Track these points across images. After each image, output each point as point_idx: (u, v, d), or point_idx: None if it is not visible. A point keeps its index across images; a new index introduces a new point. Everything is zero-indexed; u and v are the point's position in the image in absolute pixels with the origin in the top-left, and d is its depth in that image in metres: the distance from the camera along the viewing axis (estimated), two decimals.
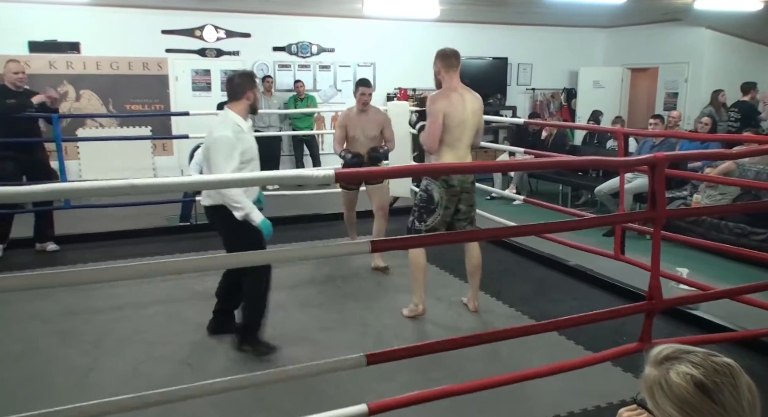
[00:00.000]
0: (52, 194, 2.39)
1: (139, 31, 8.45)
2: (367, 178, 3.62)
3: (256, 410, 2.82)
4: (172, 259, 3.63)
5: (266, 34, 9.19)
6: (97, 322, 3.81)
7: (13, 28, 7.82)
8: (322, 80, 9.69)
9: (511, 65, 10.75)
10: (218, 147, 3.14)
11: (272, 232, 3.27)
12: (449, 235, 3.62)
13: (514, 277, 4.77)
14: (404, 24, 9.72)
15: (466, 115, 3.68)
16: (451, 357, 3.20)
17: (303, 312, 4.01)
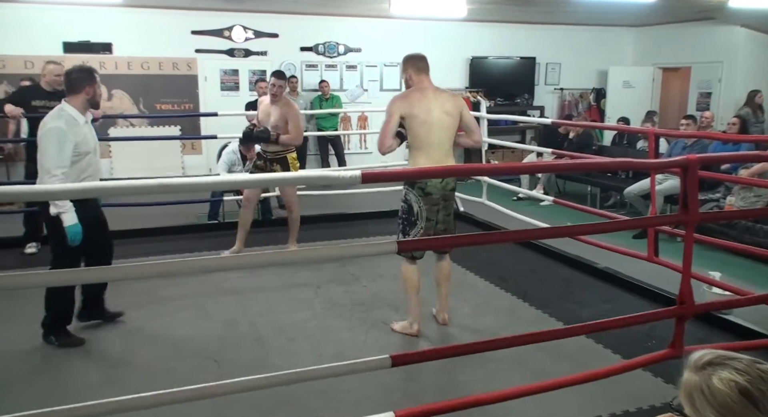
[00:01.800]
0: (84, 193, 2.42)
1: (169, 32, 8.58)
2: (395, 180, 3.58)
3: (282, 408, 2.83)
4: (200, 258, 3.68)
5: (294, 35, 9.24)
6: (127, 317, 3.86)
7: (49, 30, 8.00)
8: (348, 80, 9.71)
9: (539, 65, 10.64)
10: (49, 137, 3.18)
11: (79, 240, 3.23)
12: (477, 236, 3.58)
13: (540, 278, 4.71)
14: (431, 23, 9.68)
15: (431, 116, 3.47)
16: (478, 359, 3.18)
17: (328, 311, 4.02)
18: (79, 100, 3.33)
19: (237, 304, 4.12)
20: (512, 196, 7.54)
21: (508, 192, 6.51)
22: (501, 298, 4.29)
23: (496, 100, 10.17)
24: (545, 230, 3.24)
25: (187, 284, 4.42)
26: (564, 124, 7.67)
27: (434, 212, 3.51)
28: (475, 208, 6.37)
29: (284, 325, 3.78)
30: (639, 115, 8.99)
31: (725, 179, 5.52)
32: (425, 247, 3.28)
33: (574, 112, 10.68)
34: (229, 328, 3.75)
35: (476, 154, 9.49)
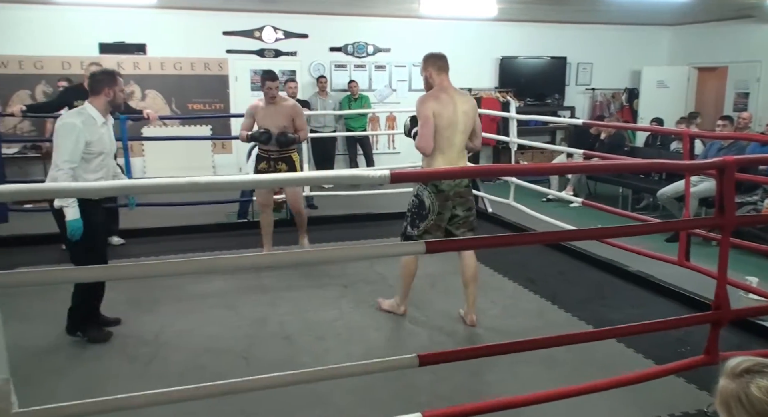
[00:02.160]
0: (120, 190, 2.48)
1: (201, 33, 8.71)
2: (423, 180, 3.58)
3: (311, 406, 2.85)
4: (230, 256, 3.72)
5: (323, 35, 9.30)
6: (158, 313, 3.94)
7: (86, 31, 8.20)
8: (377, 80, 9.73)
9: (570, 65, 10.51)
10: (64, 132, 3.24)
11: (78, 235, 3.26)
12: (505, 238, 3.56)
13: (569, 281, 4.65)
14: (460, 23, 9.65)
15: (457, 117, 3.54)
16: (506, 360, 3.16)
17: (356, 310, 4.04)
18: (100, 101, 3.39)
19: (266, 302, 4.16)
20: (541, 198, 7.46)
21: (537, 193, 6.44)
22: (529, 300, 4.25)
23: (525, 100, 10.09)
24: (575, 232, 3.20)
25: (217, 282, 4.49)
26: (595, 125, 7.56)
27: (446, 208, 3.61)
28: (502, 209, 6.32)
29: (312, 324, 3.81)
30: (673, 115, 8.82)
31: (763, 182, 5.38)
32: (455, 248, 3.27)
33: (606, 112, 10.52)
34: (258, 326, 3.79)
35: (505, 155, 9.43)
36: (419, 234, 3.63)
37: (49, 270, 1.84)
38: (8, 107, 6.62)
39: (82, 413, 1.78)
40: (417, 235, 3.62)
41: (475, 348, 2.49)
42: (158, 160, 8.41)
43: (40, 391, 2.89)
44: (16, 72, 8.07)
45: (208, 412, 2.75)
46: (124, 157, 5.75)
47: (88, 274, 2.19)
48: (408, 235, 3.68)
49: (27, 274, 1.85)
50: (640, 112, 10.35)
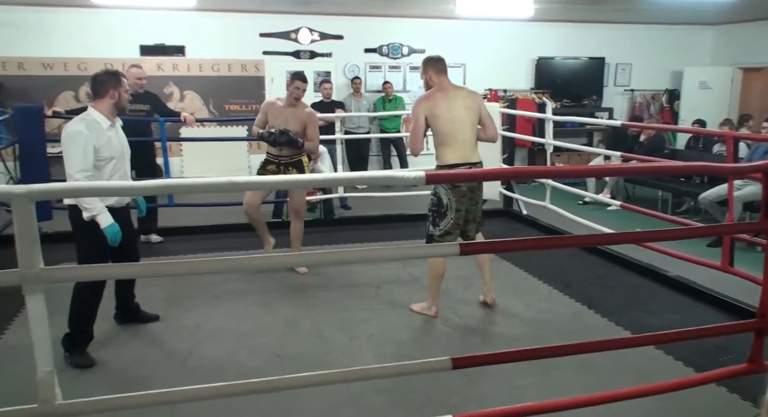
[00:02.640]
0: (160, 189, 2.51)
1: (238, 35, 8.84)
2: (458, 180, 3.57)
3: (342, 405, 2.86)
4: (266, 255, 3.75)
5: (358, 36, 9.34)
6: (195, 310, 4.00)
7: (127, 34, 8.41)
8: (412, 81, 9.72)
9: (609, 65, 10.33)
10: (71, 141, 3.09)
11: (118, 240, 3.13)
12: (540, 240, 3.50)
13: (606, 285, 4.57)
14: (496, 24, 9.57)
15: (457, 113, 3.65)
16: (540, 365, 3.12)
17: (389, 311, 4.04)
18: (105, 104, 3.22)
19: (300, 301, 4.19)
20: (577, 200, 7.35)
21: (573, 196, 6.34)
22: (565, 304, 4.19)
23: (562, 101, 9.95)
24: (613, 236, 3.14)
25: (252, 280, 4.54)
26: (635, 127, 7.41)
27: (462, 203, 3.69)
28: (538, 211, 6.25)
29: (345, 324, 3.82)
30: (716, 117, 8.58)
31: None
32: (490, 250, 3.25)
33: (645, 114, 10.30)
34: (291, 324, 3.82)
35: (540, 157, 9.31)
36: (440, 234, 3.71)
37: (96, 266, 1.89)
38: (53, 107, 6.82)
39: (122, 406, 1.83)
40: (438, 235, 3.71)
41: (509, 352, 2.46)
42: (196, 160, 8.57)
43: (82, 384, 2.96)
44: (61, 73, 8.33)
45: (244, 408, 2.79)
46: (163, 157, 5.87)
47: (130, 270, 2.24)
48: (430, 235, 3.76)
49: (74, 269, 1.90)
50: (681, 114, 10.10)
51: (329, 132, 7.20)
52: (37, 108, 5.58)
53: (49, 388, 1.69)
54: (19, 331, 3.60)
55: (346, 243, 5.43)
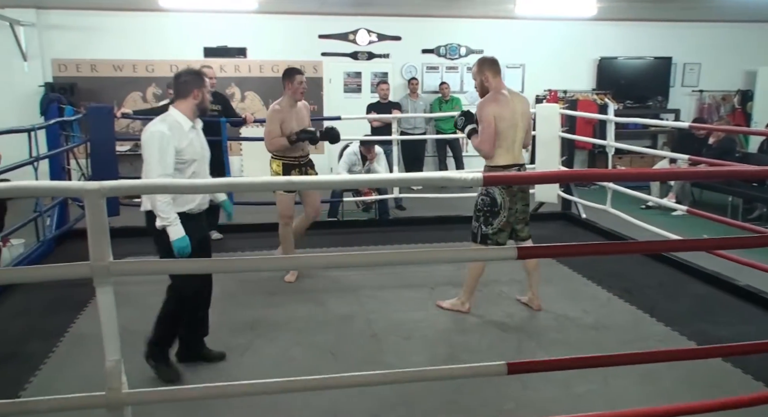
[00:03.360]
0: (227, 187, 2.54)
1: (298, 36, 9.00)
2: (516, 182, 3.52)
3: (395, 406, 2.86)
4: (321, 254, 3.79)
5: (416, 37, 9.34)
6: (252, 307, 4.09)
7: (192, 36, 8.70)
8: (469, 82, 9.64)
9: (676, 65, 9.96)
10: (152, 141, 2.94)
11: (185, 254, 2.95)
12: (601, 246, 3.41)
13: (670, 293, 4.39)
14: (557, 23, 9.39)
15: (516, 117, 3.74)
16: (598, 373, 3.04)
17: (443, 313, 4.01)
18: (188, 104, 3.09)
19: (354, 300, 4.22)
20: (640, 205, 7.11)
21: (635, 199, 6.12)
22: (625, 312, 4.05)
23: (625, 102, 9.66)
24: (679, 242, 3.01)
25: (307, 278, 4.60)
26: (703, 128, 7.10)
27: (515, 202, 3.80)
28: (598, 215, 6.08)
29: (399, 324, 3.82)
30: None
31: None
32: (549, 254, 3.18)
33: (715, 115, 9.87)
34: (345, 323, 3.85)
35: (601, 159, 9.06)
36: (494, 232, 3.79)
37: (163, 261, 1.96)
38: (122, 107, 7.13)
39: (183, 398, 1.88)
40: (492, 233, 3.79)
41: (566, 359, 2.40)
42: (254, 160, 8.75)
43: (146, 374, 3.07)
44: (130, 75, 8.69)
45: (298, 404, 2.83)
46: (224, 157, 6.03)
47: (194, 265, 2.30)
48: (484, 234, 3.83)
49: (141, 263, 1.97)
50: (755, 116, 9.63)
51: (386, 133, 7.23)
52: (107, 108, 5.83)
53: (116, 377, 1.76)
54: (89, 321, 3.77)
55: (400, 243, 5.44)
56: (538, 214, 6.71)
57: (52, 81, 8.37)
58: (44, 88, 8.12)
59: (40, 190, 1.95)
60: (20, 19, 8.06)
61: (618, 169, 7.04)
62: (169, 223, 2.93)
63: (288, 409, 2.81)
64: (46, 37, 8.38)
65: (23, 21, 8.11)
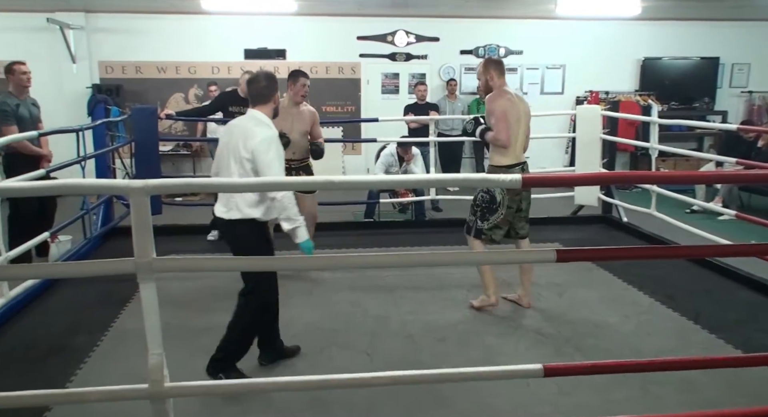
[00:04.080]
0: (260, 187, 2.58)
1: (336, 38, 9.07)
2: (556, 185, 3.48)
3: (430, 406, 2.85)
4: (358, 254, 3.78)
5: (454, 38, 9.30)
6: (290, 305, 4.12)
7: (233, 38, 8.85)
8: (509, 83, 9.54)
9: (723, 66, 9.67)
10: (270, 146, 2.89)
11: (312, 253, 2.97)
12: (644, 250, 3.34)
13: (715, 300, 4.26)
14: (599, 23, 9.22)
15: (520, 115, 3.88)
16: (638, 379, 2.98)
17: (478, 315, 3.99)
18: (269, 108, 3.08)
19: (390, 301, 4.23)
20: (685, 208, 6.93)
21: (679, 203, 5.96)
22: (667, 318, 3.95)
23: (669, 104, 9.42)
24: (727, 247, 2.93)
25: (343, 278, 4.63)
26: (752, 130, 6.87)
27: (515, 202, 3.92)
28: (641, 219, 5.94)
29: (434, 325, 3.81)
30: None
31: None
32: (586, 257, 3.13)
33: (765, 117, 9.54)
34: (381, 323, 3.86)
35: (644, 162, 8.86)
36: (489, 227, 3.92)
37: (204, 258, 2.00)
38: (165, 109, 7.31)
39: (223, 393, 1.92)
40: (487, 229, 3.93)
41: (604, 363, 2.36)
42: None
43: (187, 368, 3.14)
44: (173, 77, 8.90)
45: (334, 401, 2.85)
46: None
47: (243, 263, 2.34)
48: (478, 229, 3.95)
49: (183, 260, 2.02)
50: None
51: (423, 134, 7.22)
52: (151, 109, 5.99)
53: (158, 370, 1.80)
54: (132, 316, 3.87)
55: (436, 245, 5.42)
56: (577, 218, 6.60)
57: (99, 82, 8.64)
58: (91, 90, 8.39)
59: (88, 188, 2.01)
60: (70, 23, 8.35)
61: (661, 171, 6.87)
62: (299, 225, 2.94)
63: (324, 406, 2.83)
64: (94, 39, 8.65)
65: (73, 24, 8.39)
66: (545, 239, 5.73)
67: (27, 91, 5.03)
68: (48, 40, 8.37)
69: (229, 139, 3.00)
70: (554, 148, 9.46)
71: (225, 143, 3.02)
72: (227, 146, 2.99)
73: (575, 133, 6.58)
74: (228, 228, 3.00)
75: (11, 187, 2.35)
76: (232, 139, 2.97)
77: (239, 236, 2.97)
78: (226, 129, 3.13)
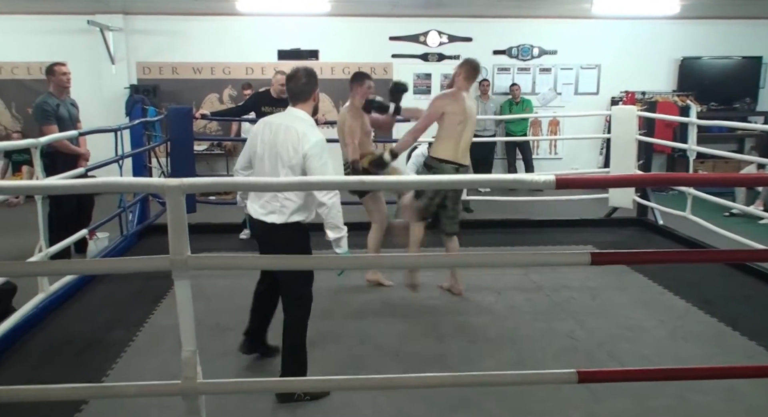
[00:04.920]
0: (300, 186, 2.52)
1: (369, 38, 9.08)
2: (592, 187, 3.42)
3: (459, 408, 2.83)
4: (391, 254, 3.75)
5: (487, 38, 9.23)
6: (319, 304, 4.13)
7: (267, 39, 8.94)
8: (541, 83, 9.45)
9: (766, 65, 9.39)
10: (323, 150, 2.79)
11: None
12: (680, 254, 3.26)
13: (755, 306, 4.14)
14: (636, 23, 9.05)
15: (466, 120, 4.04)
16: (674, 387, 2.90)
17: (509, 317, 3.95)
18: (310, 106, 2.94)
19: (419, 302, 4.21)
20: (723, 212, 6.74)
21: (718, 207, 5.80)
22: (704, 323, 3.85)
23: (709, 104, 9.18)
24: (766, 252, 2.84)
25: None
26: None
27: (440, 194, 4.04)
28: (677, 222, 5.81)
29: (464, 327, 3.79)
30: None
31: None
32: (621, 261, 3.08)
33: None
34: (410, 324, 3.85)
35: (681, 164, 8.66)
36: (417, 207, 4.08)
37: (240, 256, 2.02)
38: (200, 109, 7.41)
39: (253, 390, 1.94)
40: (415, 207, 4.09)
41: (641, 370, 2.31)
42: None
43: (219, 365, 3.18)
44: (208, 77, 9.04)
45: (362, 402, 2.85)
46: None
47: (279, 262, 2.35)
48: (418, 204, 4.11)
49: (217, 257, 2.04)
50: None
51: None
52: (186, 109, 6.08)
53: (191, 367, 1.83)
54: (166, 312, 3.94)
55: (467, 247, 5.37)
56: (611, 220, 6.48)
57: (136, 83, 8.82)
58: (129, 90, 8.57)
59: (126, 186, 2.05)
60: (109, 25, 8.54)
61: (698, 173, 6.70)
62: (344, 235, 2.83)
63: (354, 406, 2.83)
64: (132, 41, 8.84)
65: (112, 26, 8.59)
66: (579, 241, 5.65)
67: (67, 92, 5.16)
68: (88, 41, 8.57)
69: (274, 138, 2.81)
70: (589, 149, 9.31)
71: (266, 142, 2.83)
72: (270, 147, 2.81)
73: (610, 134, 6.46)
74: (267, 231, 2.85)
75: (53, 184, 2.41)
76: (278, 139, 2.80)
77: (281, 240, 2.83)
78: (265, 126, 2.90)
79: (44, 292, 3.65)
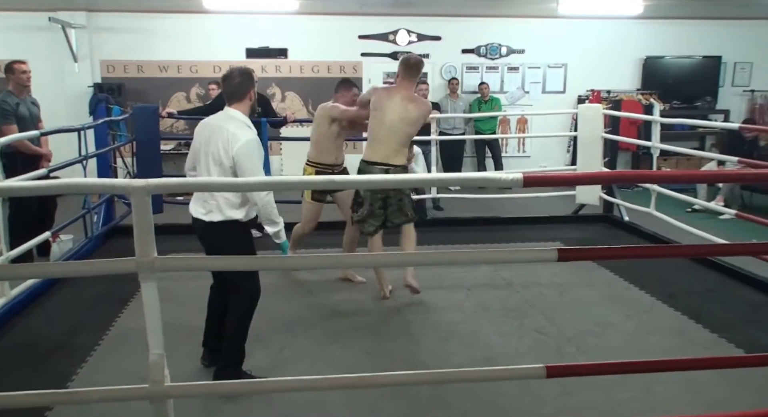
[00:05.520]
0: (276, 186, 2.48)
1: (338, 37, 9.05)
2: (558, 184, 3.47)
3: (432, 407, 2.84)
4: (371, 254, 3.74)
5: (456, 37, 9.29)
6: (290, 303, 4.13)
7: (234, 37, 8.84)
8: (509, 82, 9.55)
9: (725, 64, 9.65)
10: (253, 150, 2.82)
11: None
12: (645, 249, 3.33)
13: (718, 299, 4.25)
14: (601, 22, 9.21)
15: (396, 117, 3.96)
16: (641, 379, 2.96)
17: (479, 314, 3.98)
18: (246, 106, 2.96)
19: (390, 300, 4.21)
20: (685, 208, 6.91)
21: (680, 203, 5.95)
22: (669, 317, 3.94)
23: (672, 103, 9.40)
24: (727, 246, 2.92)
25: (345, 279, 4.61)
26: (754, 130, 6.86)
27: (377, 200, 4.02)
28: (641, 218, 5.93)
29: (436, 325, 3.81)
30: None
31: None
32: (587, 257, 3.13)
33: (767, 116, 9.52)
34: (382, 323, 3.86)
35: (645, 161, 8.85)
36: (357, 218, 4.09)
37: (205, 258, 2.00)
38: (166, 108, 7.29)
39: (224, 393, 1.91)
40: (359, 220, 4.08)
41: (608, 364, 2.35)
42: (294, 159, 8.83)
43: (188, 368, 3.14)
44: (175, 75, 8.90)
45: (335, 402, 2.84)
46: (265, 156, 6.11)
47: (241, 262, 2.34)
48: (355, 220, 4.13)
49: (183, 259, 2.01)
50: None
51: (424, 133, 7.20)
52: (152, 108, 5.98)
53: (159, 370, 1.80)
54: (133, 316, 3.87)
55: (437, 244, 5.41)
56: (578, 217, 6.59)
57: (100, 81, 8.63)
58: (93, 89, 8.38)
59: (90, 187, 2.00)
60: (72, 22, 8.34)
61: (662, 170, 6.85)
62: (280, 228, 2.97)
63: (326, 406, 2.83)
64: (96, 39, 8.65)
65: (74, 23, 8.38)
66: (547, 238, 5.73)
67: (27, 90, 5.03)
68: (50, 39, 8.35)
69: (208, 138, 2.87)
70: (556, 147, 9.45)
71: (201, 143, 2.90)
72: (205, 147, 2.88)
73: (577, 132, 6.57)
74: (207, 230, 2.90)
75: (13, 186, 2.35)
76: (211, 139, 2.85)
77: (220, 238, 2.88)
78: (204, 127, 2.97)
79: (5, 296, 3.55)
